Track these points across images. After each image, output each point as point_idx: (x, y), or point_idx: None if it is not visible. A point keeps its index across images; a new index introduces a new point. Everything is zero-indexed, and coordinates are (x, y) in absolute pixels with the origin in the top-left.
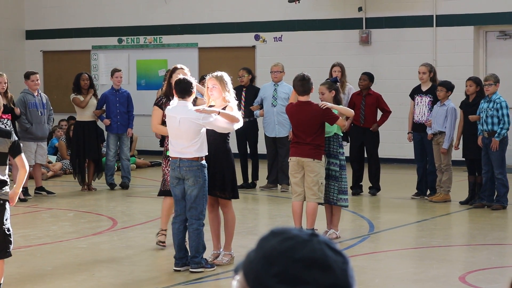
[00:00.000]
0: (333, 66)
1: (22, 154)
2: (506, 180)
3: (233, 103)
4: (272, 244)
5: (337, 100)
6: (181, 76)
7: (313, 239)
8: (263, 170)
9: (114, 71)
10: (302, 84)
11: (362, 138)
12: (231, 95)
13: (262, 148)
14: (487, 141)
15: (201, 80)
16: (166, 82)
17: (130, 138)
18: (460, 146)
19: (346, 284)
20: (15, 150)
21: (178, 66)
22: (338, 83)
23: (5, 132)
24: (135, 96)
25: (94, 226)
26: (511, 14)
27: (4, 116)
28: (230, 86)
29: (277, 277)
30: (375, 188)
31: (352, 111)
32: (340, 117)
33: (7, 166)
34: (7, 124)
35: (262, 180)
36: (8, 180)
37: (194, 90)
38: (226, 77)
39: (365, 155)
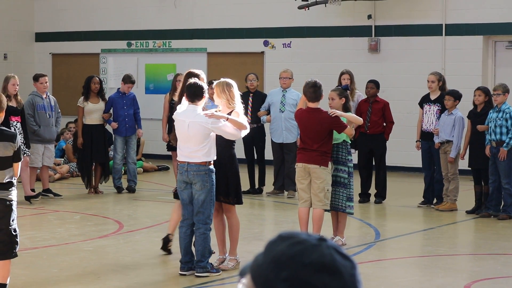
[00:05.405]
0: (342, 73)
1: (20, 163)
2: None
3: (239, 108)
4: (281, 248)
5: (346, 108)
6: (192, 80)
7: (322, 243)
8: (269, 176)
9: (128, 81)
10: (314, 91)
11: (371, 145)
12: (236, 101)
13: (269, 154)
14: (495, 151)
15: (209, 85)
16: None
17: (137, 141)
18: (467, 156)
19: None
20: (15, 156)
21: (195, 71)
22: (348, 91)
23: (9, 136)
24: (144, 100)
25: (100, 229)
26: None
27: (14, 119)
28: (235, 92)
29: (287, 282)
30: (380, 196)
31: (361, 119)
32: (349, 126)
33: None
34: (16, 127)
35: (269, 186)
36: (15, 181)
37: (206, 94)
38: (230, 84)
39: (373, 163)
